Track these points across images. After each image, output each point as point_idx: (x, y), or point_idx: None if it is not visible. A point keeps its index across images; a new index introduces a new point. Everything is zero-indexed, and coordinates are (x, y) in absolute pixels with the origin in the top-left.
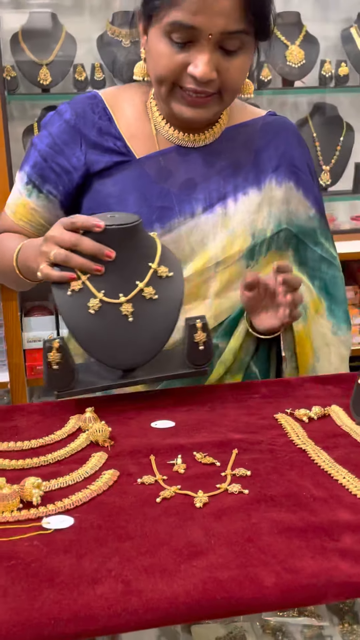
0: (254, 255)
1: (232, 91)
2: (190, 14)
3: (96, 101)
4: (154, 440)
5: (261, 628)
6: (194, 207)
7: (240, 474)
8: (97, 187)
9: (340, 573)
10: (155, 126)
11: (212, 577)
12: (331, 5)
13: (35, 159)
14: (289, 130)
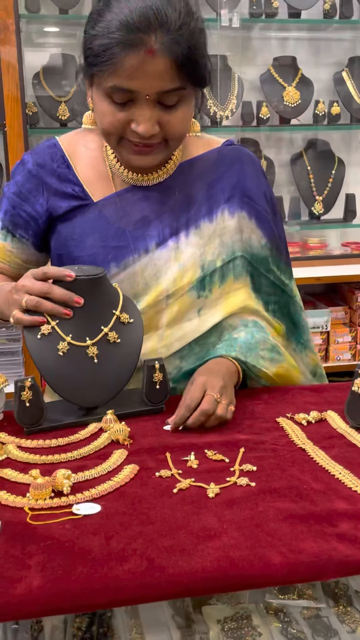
0: (205, 286)
1: (176, 138)
2: (127, 79)
3: (55, 149)
4: (168, 440)
5: (265, 609)
6: (147, 244)
7: (247, 469)
8: (60, 229)
9: (338, 554)
10: (111, 168)
11: (225, 556)
12: (324, 50)
13: (6, 207)
14: (244, 161)
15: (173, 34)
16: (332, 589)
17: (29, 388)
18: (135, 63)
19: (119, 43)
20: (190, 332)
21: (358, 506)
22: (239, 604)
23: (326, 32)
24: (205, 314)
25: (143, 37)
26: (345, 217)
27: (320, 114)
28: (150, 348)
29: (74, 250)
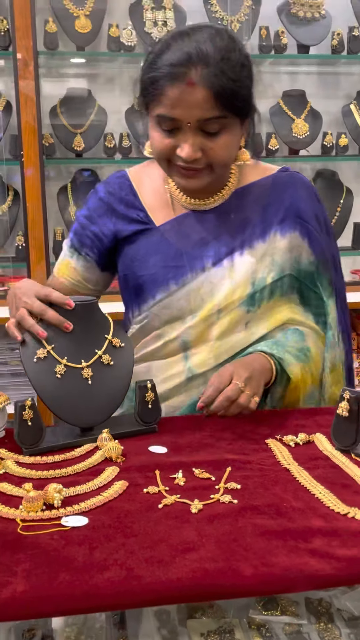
0: (255, 302)
1: (220, 165)
2: (170, 108)
3: (124, 180)
4: (159, 458)
5: (248, 624)
6: (204, 263)
7: (231, 487)
8: (125, 251)
9: (309, 568)
10: (171, 195)
11: (201, 568)
12: (333, 84)
13: (76, 228)
14: (297, 185)
15: (212, 68)
16: (315, 607)
17: (29, 407)
18: (177, 93)
19: (164, 76)
20: (237, 344)
21: (334, 524)
22: (223, 619)
23: (335, 67)
24: (252, 327)
25: (185, 70)
26: (353, 245)
27: (329, 145)
28: (201, 359)
29: (137, 270)
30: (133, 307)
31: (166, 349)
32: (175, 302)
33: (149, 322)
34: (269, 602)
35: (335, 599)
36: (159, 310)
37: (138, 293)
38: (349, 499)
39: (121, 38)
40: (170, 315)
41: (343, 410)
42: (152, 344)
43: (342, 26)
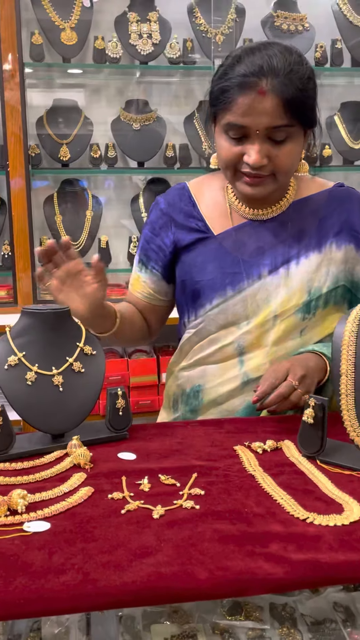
0: (310, 310)
1: (284, 173)
2: (239, 116)
3: (183, 191)
4: (127, 465)
5: (212, 629)
6: (261, 271)
7: (195, 493)
8: (184, 258)
9: (262, 572)
10: (230, 205)
11: (156, 572)
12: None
13: (142, 243)
14: (353, 200)
15: (282, 78)
16: (279, 611)
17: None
18: (247, 102)
19: (236, 85)
20: (293, 350)
21: (291, 529)
22: (187, 624)
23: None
24: (307, 335)
25: (256, 80)
26: None
27: (312, 156)
28: (256, 364)
29: (196, 276)
30: (189, 312)
31: (221, 353)
32: (231, 307)
33: (205, 326)
34: (233, 607)
35: (299, 604)
36: (215, 315)
37: (195, 298)
38: (309, 505)
39: (107, 50)
40: (226, 320)
41: (308, 417)
42: (208, 348)
43: (325, 39)
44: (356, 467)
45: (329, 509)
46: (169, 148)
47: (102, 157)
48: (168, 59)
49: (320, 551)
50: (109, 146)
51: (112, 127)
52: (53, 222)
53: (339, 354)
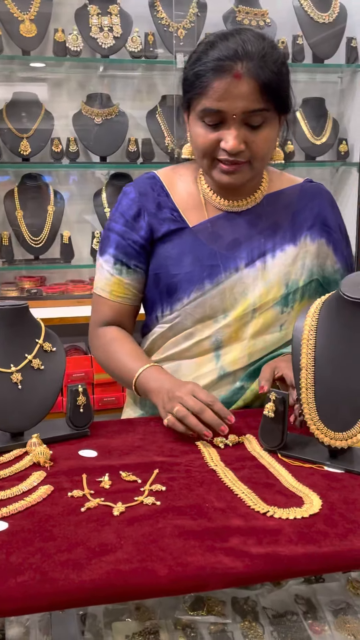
0: (288, 303)
1: (261, 159)
2: (215, 101)
3: (154, 181)
4: (88, 462)
5: (174, 625)
6: (237, 264)
7: (156, 489)
8: (158, 250)
9: (222, 566)
10: (204, 196)
11: (115, 569)
12: None
13: (116, 241)
14: (323, 195)
15: (257, 61)
16: (241, 605)
17: None
18: (223, 86)
19: (211, 70)
20: (271, 344)
21: (252, 523)
22: (149, 620)
23: None
24: (287, 329)
25: (231, 64)
26: None
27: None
28: (233, 357)
29: (172, 269)
30: (163, 306)
31: (198, 348)
32: (209, 300)
33: (181, 320)
34: (195, 602)
35: (261, 597)
36: (192, 309)
37: (171, 292)
38: (270, 498)
39: (67, 43)
40: (203, 314)
41: (269, 411)
42: (183, 343)
43: (286, 34)
44: (316, 460)
45: (289, 502)
46: (132, 143)
47: (63, 151)
48: (130, 53)
49: (280, 544)
50: (71, 140)
51: (73, 121)
52: (14, 217)
53: (299, 348)
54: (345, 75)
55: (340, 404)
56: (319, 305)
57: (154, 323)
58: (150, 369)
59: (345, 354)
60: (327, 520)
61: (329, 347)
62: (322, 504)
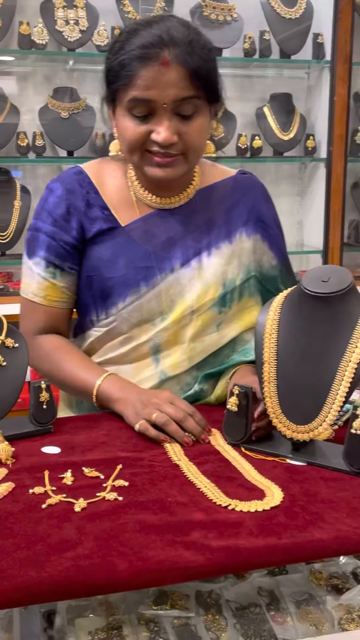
0: (226, 303)
1: (195, 151)
2: (143, 90)
3: (82, 176)
4: (51, 459)
5: (137, 619)
6: (173, 264)
7: (119, 484)
8: (90, 251)
9: (182, 560)
10: (135, 194)
11: (75, 565)
12: (247, 86)
13: (46, 243)
14: (257, 188)
15: (184, 48)
16: (205, 599)
17: None
18: (151, 74)
19: (137, 58)
20: (210, 345)
21: (213, 517)
22: (112, 616)
23: (248, 70)
24: (224, 329)
25: (157, 51)
26: None
27: (243, 147)
28: (174, 361)
29: (106, 272)
30: (98, 311)
31: (135, 352)
32: (145, 304)
33: (118, 325)
34: (159, 596)
35: (225, 590)
36: (128, 314)
37: (105, 297)
38: (232, 492)
39: (32, 36)
40: (140, 318)
41: (232, 405)
42: (120, 348)
43: (253, 29)
44: (279, 453)
45: (251, 495)
46: (99, 137)
47: (29, 145)
48: (96, 47)
49: (241, 537)
50: (37, 135)
51: (40, 115)
52: None
53: (261, 342)
54: (312, 71)
55: (302, 397)
56: (282, 299)
57: (88, 326)
58: (110, 378)
59: (307, 347)
60: (287, 513)
61: (291, 340)
62: (283, 496)
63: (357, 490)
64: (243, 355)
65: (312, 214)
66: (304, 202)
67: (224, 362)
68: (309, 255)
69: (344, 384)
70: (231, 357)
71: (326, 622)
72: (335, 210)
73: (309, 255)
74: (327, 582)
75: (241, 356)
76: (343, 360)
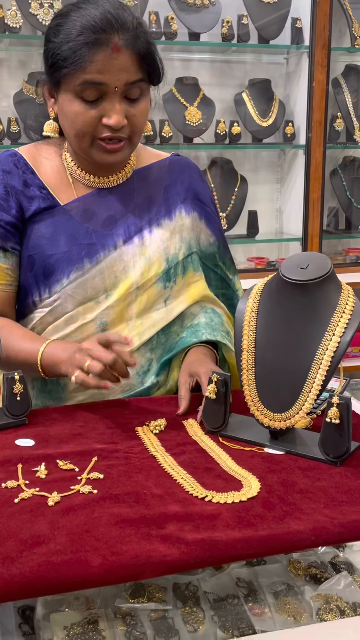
0: (170, 278)
1: (139, 133)
2: (97, 74)
3: (17, 158)
4: (25, 452)
5: (113, 613)
6: (115, 241)
7: (94, 477)
8: (30, 231)
9: (157, 554)
10: (72, 174)
11: (47, 561)
12: (225, 72)
13: None
14: (192, 169)
15: (132, 32)
16: (182, 591)
17: None
18: (103, 59)
19: (87, 43)
20: (159, 320)
21: (189, 509)
22: (88, 610)
23: (226, 55)
24: (171, 303)
25: (108, 36)
26: (248, 233)
27: (221, 133)
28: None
29: (48, 249)
30: (41, 290)
31: (82, 332)
32: (89, 280)
33: (61, 303)
34: (136, 589)
35: (203, 582)
36: (72, 290)
37: (48, 274)
38: (209, 483)
39: (6, 19)
40: (84, 296)
41: (211, 392)
42: (65, 328)
43: (231, 14)
44: (257, 442)
45: (228, 486)
46: None
47: (4, 131)
48: None
49: (217, 529)
50: (12, 121)
51: (14, 100)
52: None
53: (240, 330)
54: (291, 56)
55: (279, 385)
56: (261, 287)
57: (30, 308)
58: (52, 343)
59: (285, 335)
60: (265, 504)
61: (270, 328)
62: (260, 487)
63: (334, 480)
64: (192, 334)
65: (292, 201)
66: (283, 189)
67: (175, 341)
68: (288, 243)
69: (320, 372)
70: (181, 335)
71: (304, 612)
72: (314, 198)
73: (288, 243)
74: (305, 572)
75: (191, 335)
76: (320, 348)
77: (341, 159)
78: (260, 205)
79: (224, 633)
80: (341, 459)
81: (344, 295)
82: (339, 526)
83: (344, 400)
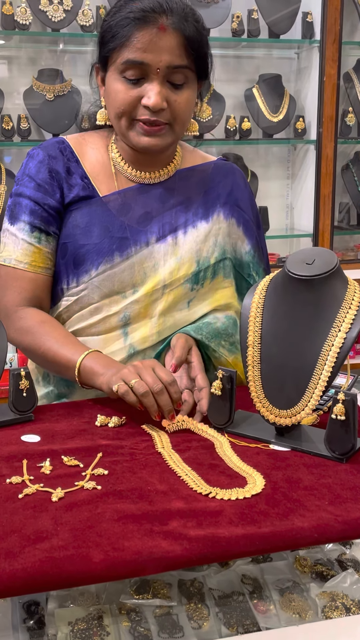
0: (199, 280)
1: (181, 122)
2: (139, 52)
3: (64, 145)
4: (30, 448)
5: (118, 609)
6: (148, 238)
7: (98, 473)
8: (67, 219)
9: (160, 550)
10: (115, 166)
11: (49, 557)
12: (235, 67)
13: (30, 207)
14: (236, 175)
15: (180, 16)
16: (187, 587)
17: None
18: (148, 37)
19: (135, 19)
20: (180, 321)
21: (192, 505)
22: (93, 606)
23: (236, 50)
24: (195, 306)
25: (155, 16)
26: None
27: (232, 129)
28: (143, 335)
29: (81, 239)
30: (69, 278)
31: (104, 324)
32: (118, 274)
33: (88, 294)
34: (141, 585)
35: (208, 578)
36: (100, 282)
37: (78, 263)
38: (213, 479)
39: (15, 16)
40: (111, 288)
41: (216, 389)
42: (89, 318)
43: (242, 9)
44: (262, 438)
45: (233, 483)
46: (85, 119)
47: (14, 128)
48: (81, 27)
49: (220, 526)
50: (22, 117)
51: (24, 97)
52: None
53: (246, 325)
54: (302, 51)
55: (285, 381)
56: (267, 283)
57: (58, 295)
58: (93, 354)
59: (290, 331)
60: (269, 500)
61: (276, 324)
62: (265, 483)
63: (339, 477)
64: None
65: (303, 197)
66: (294, 185)
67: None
68: (299, 239)
69: (326, 368)
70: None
71: (310, 609)
72: (325, 193)
73: (299, 239)
74: (311, 569)
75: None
76: (326, 344)
77: (353, 154)
78: (271, 201)
79: (228, 630)
80: (347, 455)
81: (350, 291)
82: (343, 523)
83: (349, 397)
